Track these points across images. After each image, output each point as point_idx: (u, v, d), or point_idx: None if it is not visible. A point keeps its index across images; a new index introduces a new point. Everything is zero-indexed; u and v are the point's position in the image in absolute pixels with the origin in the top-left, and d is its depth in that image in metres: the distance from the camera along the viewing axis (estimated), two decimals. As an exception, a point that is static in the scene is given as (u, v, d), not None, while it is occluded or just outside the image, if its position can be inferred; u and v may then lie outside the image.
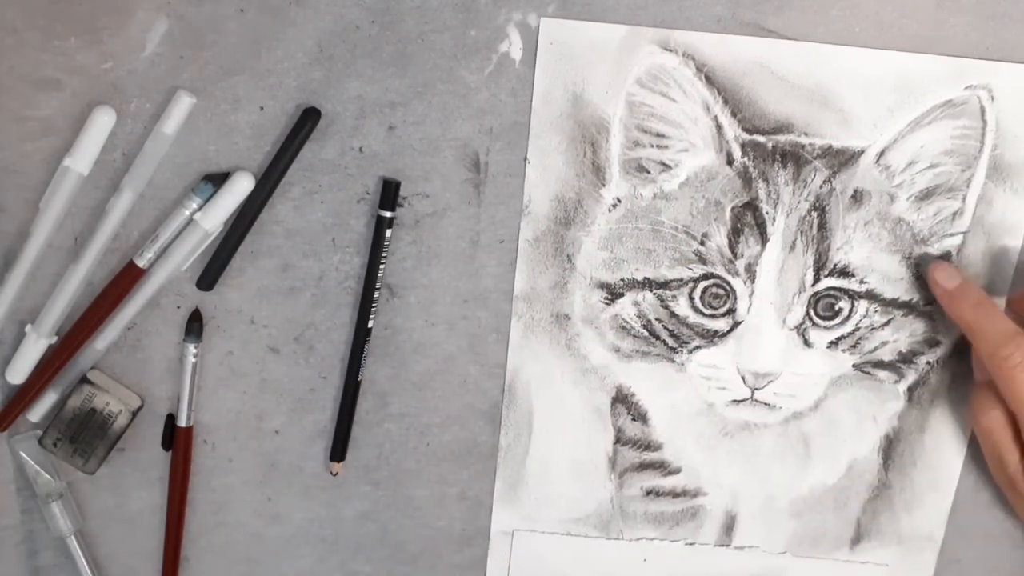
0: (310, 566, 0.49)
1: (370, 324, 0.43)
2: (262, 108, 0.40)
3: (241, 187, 0.41)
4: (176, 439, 0.45)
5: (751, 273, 0.43)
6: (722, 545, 0.49)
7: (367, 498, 0.47)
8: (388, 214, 0.42)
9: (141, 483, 0.46)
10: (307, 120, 0.40)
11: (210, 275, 0.43)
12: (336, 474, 0.46)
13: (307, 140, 0.41)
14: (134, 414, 0.44)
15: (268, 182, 0.41)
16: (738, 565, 0.49)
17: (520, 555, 0.49)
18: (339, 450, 0.45)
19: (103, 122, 0.40)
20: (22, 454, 0.44)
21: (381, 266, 0.43)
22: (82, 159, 0.40)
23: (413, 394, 0.45)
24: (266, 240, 0.42)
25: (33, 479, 0.45)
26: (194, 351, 0.44)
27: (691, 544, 0.49)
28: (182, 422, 0.45)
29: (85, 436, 0.44)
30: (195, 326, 0.43)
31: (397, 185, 0.42)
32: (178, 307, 0.43)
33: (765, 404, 0.46)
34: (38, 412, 0.45)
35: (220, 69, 0.40)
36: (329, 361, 0.45)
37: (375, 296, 0.43)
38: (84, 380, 0.44)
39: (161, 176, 0.41)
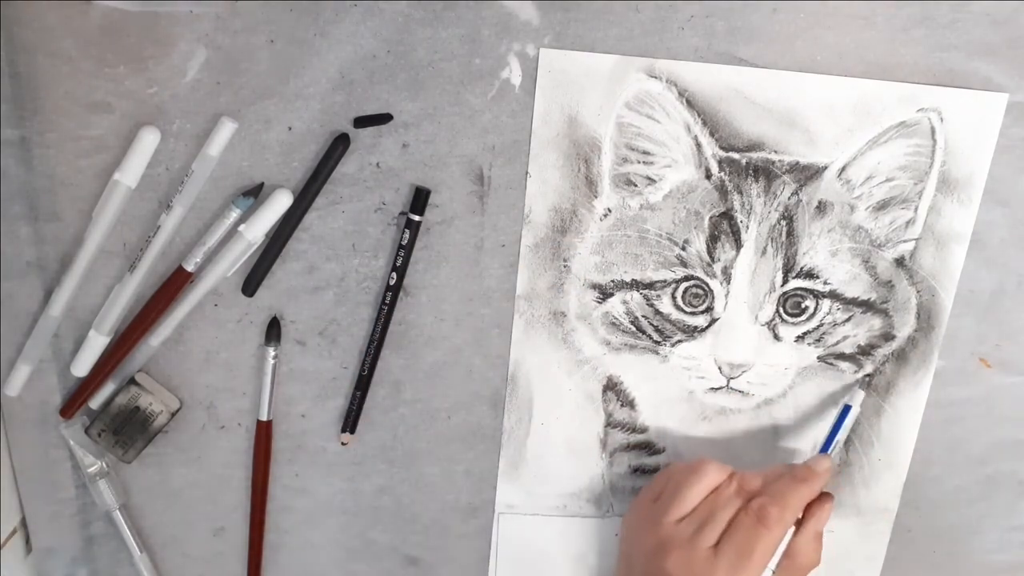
0: (332, 535, 0.51)
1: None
2: (290, 128, 0.42)
3: (281, 203, 0.43)
4: (257, 431, 0.47)
5: (727, 275, 0.46)
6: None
7: (383, 474, 0.49)
8: (417, 218, 0.44)
9: (182, 462, 0.48)
10: (339, 144, 0.42)
11: (253, 282, 0.44)
12: (345, 444, 0.48)
13: (339, 162, 0.43)
14: (173, 414, 0.46)
15: (304, 198, 0.43)
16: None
17: (508, 533, 0.50)
18: (349, 424, 0.47)
19: (149, 141, 0.41)
20: (70, 440, 0.47)
21: (397, 264, 0.44)
22: (130, 174, 0.42)
23: (424, 382, 0.47)
24: (294, 245, 0.44)
25: (80, 460, 0.47)
26: (273, 354, 0.46)
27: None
28: (263, 416, 0.47)
29: (127, 430, 0.46)
30: (274, 332, 0.45)
31: (428, 193, 0.44)
32: (215, 305, 0.45)
33: (739, 392, 0.48)
34: (95, 402, 0.46)
35: (253, 93, 0.41)
36: (349, 353, 0.46)
37: (398, 295, 0.45)
38: (132, 381, 0.46)
39: (201, 188, 0.43)
